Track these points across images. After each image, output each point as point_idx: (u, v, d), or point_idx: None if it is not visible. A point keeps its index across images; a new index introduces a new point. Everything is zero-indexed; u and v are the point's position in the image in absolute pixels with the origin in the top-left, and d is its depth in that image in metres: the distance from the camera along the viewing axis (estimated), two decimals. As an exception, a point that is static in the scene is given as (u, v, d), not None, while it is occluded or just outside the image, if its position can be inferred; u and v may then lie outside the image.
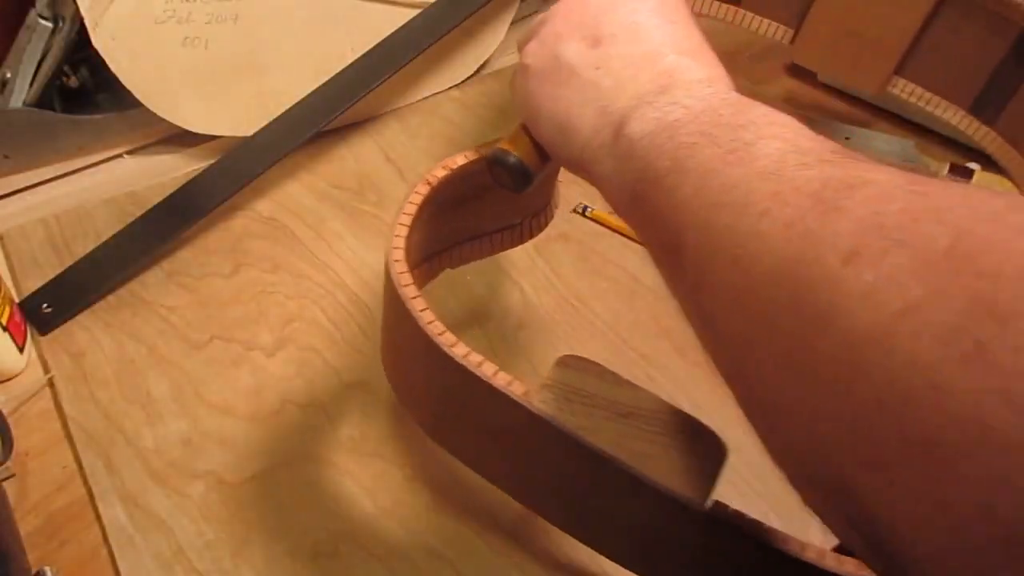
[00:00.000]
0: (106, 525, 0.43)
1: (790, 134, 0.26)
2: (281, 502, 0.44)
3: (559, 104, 0.34)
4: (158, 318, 0.53)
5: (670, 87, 0.31)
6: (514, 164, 0.36)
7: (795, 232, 0.22)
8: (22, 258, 0.58)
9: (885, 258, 0.20)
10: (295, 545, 0.42)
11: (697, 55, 0.33)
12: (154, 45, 0.61)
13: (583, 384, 0.32)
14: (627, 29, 0.33)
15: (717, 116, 0.28)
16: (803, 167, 0.24)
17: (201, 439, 0.47)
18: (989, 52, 0.58)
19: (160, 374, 0.50)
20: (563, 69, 0.34)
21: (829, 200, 0.22)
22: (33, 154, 0.62)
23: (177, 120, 0.63)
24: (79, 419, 0.47)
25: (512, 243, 0.48)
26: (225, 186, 0.59)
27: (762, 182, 0.24)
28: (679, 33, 0.33)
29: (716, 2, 0.67)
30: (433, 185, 0.39)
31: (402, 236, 0.37)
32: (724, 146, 0.26)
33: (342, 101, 0.62)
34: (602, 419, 0.31)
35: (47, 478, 0.45)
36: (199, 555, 0.41)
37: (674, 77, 0.31)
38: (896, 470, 0.19)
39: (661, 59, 0.32)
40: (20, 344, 0.50)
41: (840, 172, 0.23)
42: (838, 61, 0.64)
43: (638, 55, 0.33)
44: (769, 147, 0.26)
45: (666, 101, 0.30)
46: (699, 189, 0.26)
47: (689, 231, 0.26)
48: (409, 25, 0.66)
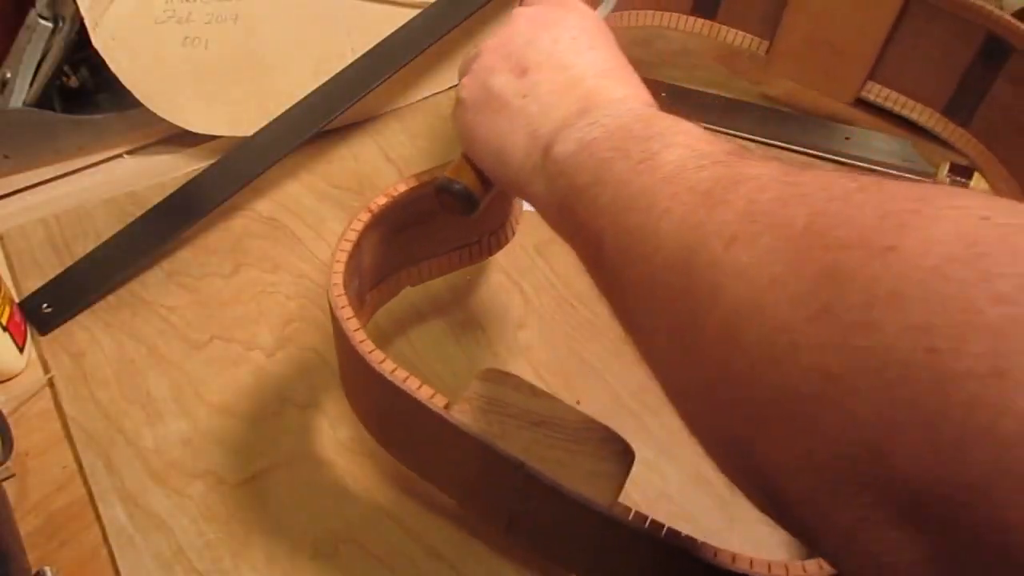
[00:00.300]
0: (106, 525, 0.43)
1: (691, 140, 0.29)
2: (281, 502, 0.44)
3: (493, 132, 0.37)
4: (158, 318, 0.53)
5: (590, 109, 0.34)
6: (459, 191, 0.38)
7: (687, 225, 0.25)
8: (22, 258, 0.58)
9: (757, 240, 0.23)
10: (295, 545, 0.42)
11: (615, 76, 0.36)
12: (154, 45, 0.61)
13: (500, 396, 0.34)
14: (550, 58, 0.36)
15: (629, 131, 0.31)
16: (699, 169, 0.27)
17: (201, 439, 0.47)
18: (957, 55, 0.61)
19: (160, 374, 0.50)
20: (494, 99, 0.37)
21: (717, 195, 0.25)
22: (33, 154, 0.62)
23: (177, 120, 0.63)
24: (79, 419, 0.47)
25: (472, 260, 0.51)
26: (225, 186, 0.59)
27: (665, 185, 0.27)
28: (599, 57, 0.36)
29: (691, 17, 0.69)
30: (375, 212, 0.41)
31: (342, 262, 0.39)
32: (635, 157, 0.29)
33: (342, 101, 0.62)
34: (515, 428, 0.33)
35: (47, 478, 0.45)
36: (199, 555, 0.41)
37: (593, 99, 0.34)
38: (771, 423, 0.21)
39: (582, 83, 0.35)
40: (20, 344, 0.50)
41: (728, 171, 0.26)
42: (811, 70, 0.67)
43: (561, 81, 0.35)
44: (672, 154, 0.28)
45: (586, 122, 0.33)
46: (614, 197, 0.29)
47: (607, 235, 0.29)
48: (409, 25, 0.66)
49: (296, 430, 0.47)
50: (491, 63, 0.38)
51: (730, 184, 0.25)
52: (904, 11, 0.60)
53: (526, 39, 0.37)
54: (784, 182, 0.24)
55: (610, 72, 0.36)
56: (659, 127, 0.31)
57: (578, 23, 0.38)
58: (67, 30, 0.60)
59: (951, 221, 0.19)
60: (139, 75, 0.61)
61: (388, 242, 0.45)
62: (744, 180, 0.25)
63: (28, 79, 0.61)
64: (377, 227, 0.43)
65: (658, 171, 0.28)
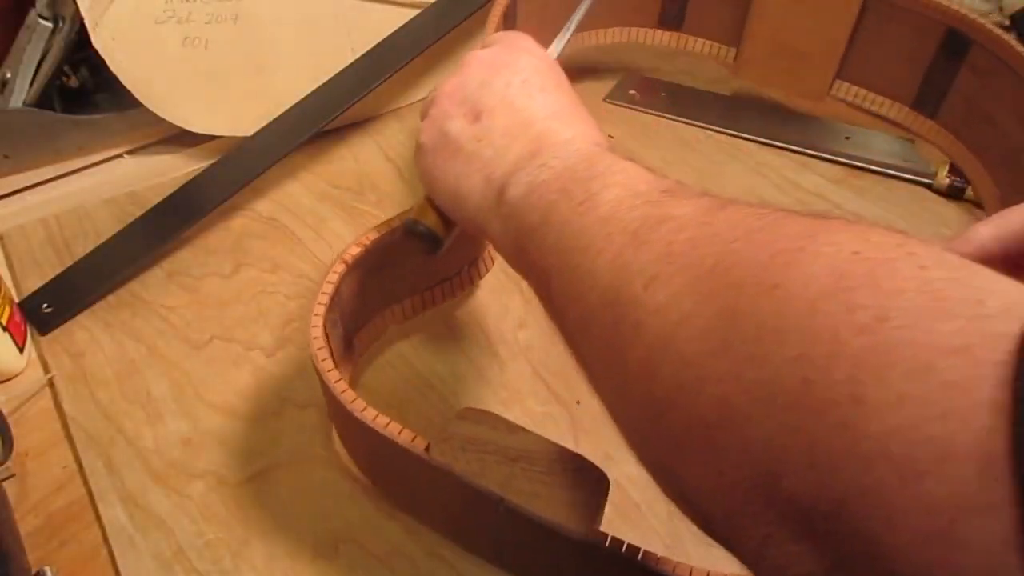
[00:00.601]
0: (106, 525, 0.43)
1: (629, 179, 0.31)
2: (281, 502, 0.44)
3: (450, 176, 0.38)
4: (158, 318, 0.53)
5: (539, 151, 0.35)
6: (423, 232, 0.41)
7: (616, 265, 0.27)
8: (22, 258, 0.58)
9: (672, 280, 0.24)
10: (295, 545, 0.42)
11: (564, 117, 0.37)
12: (154, 45, 0.61)
13: (477, 434, 0.36)
14: (502, 102, 0.37)
15: (574, 173, 0.32)
16: (632, 209, 0.29)
17: (201, 439, 0.47)
18: (920, 51, 0.62)
19: (160, 374, 0.50)
20: (450, 144, 0.38)
21: (642, 236, 0.27)
22: (33, 154, 0.62)
23: (177, 120, 0.63)
24: (79, 419, 0.47)
25: (455, 293, 0.53)
26: (225, 186, 0.59)
27: (601, 226, 0.29)
28: (549, 99, 0.38)
29: (658, 30, 0.70)
30: (349, 263, 0.43)
31: (320, 315, 0.41)
32: (577, 199, 0.31)
33: (342, 101, 0.62)
34: (494, 464, 0.35)
35: (47, 478, 0.45)
36: (199, 555, 0.41)
37: (542, 141, 0.35)
38: (687, 450, 0.23)
39: (532, 126, 0.36)
40: (20, 344, 0.50)
41: (656, 211, 0.28)
42: (779, 75, 0.69)
43: (513, 125, 0.37)
44: (610, 194, 0.30)
45: (536, 164, 0.34)
46: (559, 238, 0.31)
47: (553, 274, 0.31)
48: (409, 25, 0.66)
49: (296, 430, 0.47)
50: (446, 108, 0.39)
51: (655, 224, 0.27)
52: (863, 12, 0.62)
53: (479, 83, 0.38)
54: (700, 223, 0.26)
55: (559, 113, 0.37)
56: (600, 168, 0.32)
57: (529, 65, 0.39)
58: (67, 30, 0.60)
59: (827, 257, 0.21)
60: (139, 75, 0.61)
61: (367, 285, 0.46)
62: (667, 220, 0.27)
63: (28, 79, 0.61)
64: (354, 273, 0.44)
65: (596, 211, 0.29)
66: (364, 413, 0.37)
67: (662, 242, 0.26)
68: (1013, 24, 0.74)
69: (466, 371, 0.50)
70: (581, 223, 0.30)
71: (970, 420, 0.16)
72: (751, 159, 0.67)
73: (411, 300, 0.51)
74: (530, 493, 0.34)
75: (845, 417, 0.18)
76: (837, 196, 0.63)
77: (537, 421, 0.47)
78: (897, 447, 0.17)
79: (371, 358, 0.51)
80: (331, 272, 0.43)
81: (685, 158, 0.66)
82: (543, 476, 0.35)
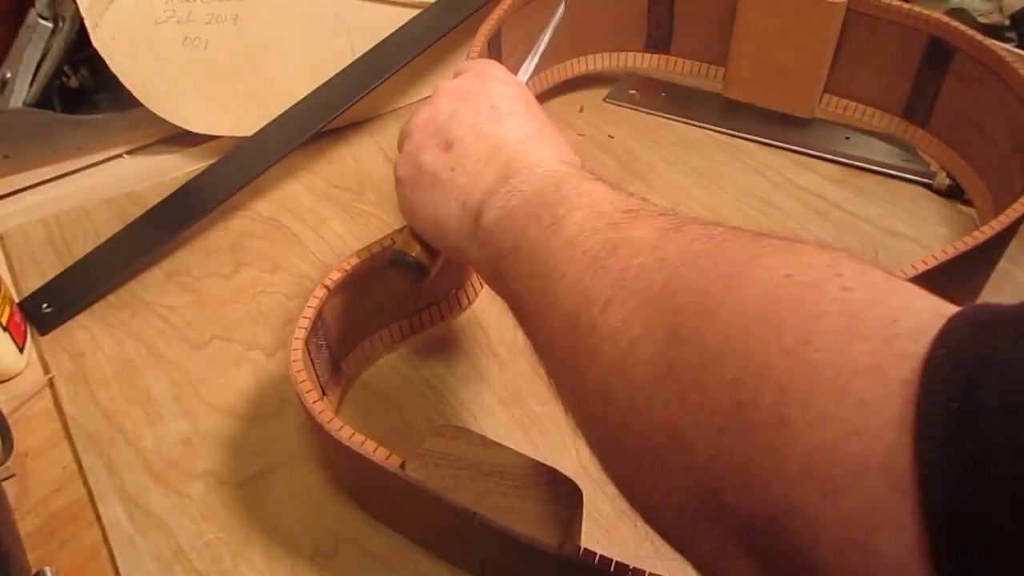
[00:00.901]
0: (106, 525, 0.43)
1: (593, 201, 0.31)
2: (281, 502, 0.44)
3: (428, 207, 0.39)
4: (158, 318, 0.53)
5: (510, 176, 0.35)
6: (410, 263, 0.41)
7: (576, 290, 0.28)
8: (22, 258, 0.58)
9: (625, 305, 0.25)
10: (295, 545, 0.42)
11: (533, 140, 0.37)
12: (154, 45, 0.61)
13: (452, 450, 0.36)
14: (472, 130, 0.38)
15: (542, 197, 0.33)
16: (594, 232, 0.29)
17: (201, 439, 0.47)
18: (906, 61, 0.63)
19: (160, 374, 0.50)
20: (425, 175, 0.39)
21: (601, 260, 0.28)
22: (33, 154, 0.62)
23: (177, 120, 0.63)
24: (79, 419, 0.47)
25: (443, 317, 0.53)
26: (225, 186, 0.59)
27: (565, 249, 0.30)
28: (517, 123, 0.38)
29: (646, 54, 0.71)
30: (331, 288, 0.43)
31: (301, 339, 0.41)
32: (544, 223, 0.31)
33: (342, 101, 0.62)
34: (468, 479, 0.35)
35: (47, 478, 0.45)
36: (199, 555, 0.41)
37: (513, 166, 0.36)
38: (640, 470, 0.24)
39: (503, 151, 0.37)
40: (20, 344, 0.50)
41: (615, 234, 0.28)
42: (768, 92, 0.69)
43: (484, 151, 0.37)
44: (575, 217, 0.31)
45: (507, 190, 0.35)
46: (529, 263, 0.32)
47: (524, 297, 0.32)
48: (409, 25, 0.66)
49: (296, 430, 0.47)
50: (419, 140, 0.40)
51: (612, 249, 0.28)
52: (846, 26, 0.62)
53: (449, 113, 0.39)
54: (652, 246, 0.27)
55: (529, 136, 0.38)
56: (566, 190, 0.33)
57: (498, 92, 0.39)
58: (67, 30, 0.60)
59: (761, 281, 0.22)
60: (139, 75, 0.61)
61: (352, 309, 0.46)
62: (624, 244, 0.28)
63: (28, 79, 0.61)
64: (338, 297, 0.45)
65: (561, 235, 0.30)
66: (341, 432, 0.38)
67: (618, 267, 0.27)
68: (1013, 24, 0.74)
69: (466, 371, 0.50)
70: (548, 247, 0.30)
71: (881, 437, 0.17)
72: (751, 159, 0.67)
73: (399, 324, 0.51)
74: (504, 507, 0.34)
75: (773, 438, 0.19)
76: (837, 196, 0.63)
77: (537, 421, 0.47)
78: (819, 465, 0.18)
79: (372, 359, 0.51)
80: (312, 297, 0.43)
81: (685, 158, 0.66)
82: (517, 490, 0.35)
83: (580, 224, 0.30)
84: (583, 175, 0.34)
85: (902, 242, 0.59)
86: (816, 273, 0.22)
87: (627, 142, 0.68)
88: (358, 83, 0.63)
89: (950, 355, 0.17)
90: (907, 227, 0.60)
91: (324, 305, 0.44)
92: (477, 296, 0.54)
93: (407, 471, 0.36)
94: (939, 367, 0.17)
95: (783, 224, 0.60)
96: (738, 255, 0.24)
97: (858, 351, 0.19)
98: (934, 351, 0.18)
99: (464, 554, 0.39)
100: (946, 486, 0.16)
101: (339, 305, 0.46)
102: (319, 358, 0.44)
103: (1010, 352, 0.17)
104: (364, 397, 0.49)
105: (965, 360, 0.17)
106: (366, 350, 0.50)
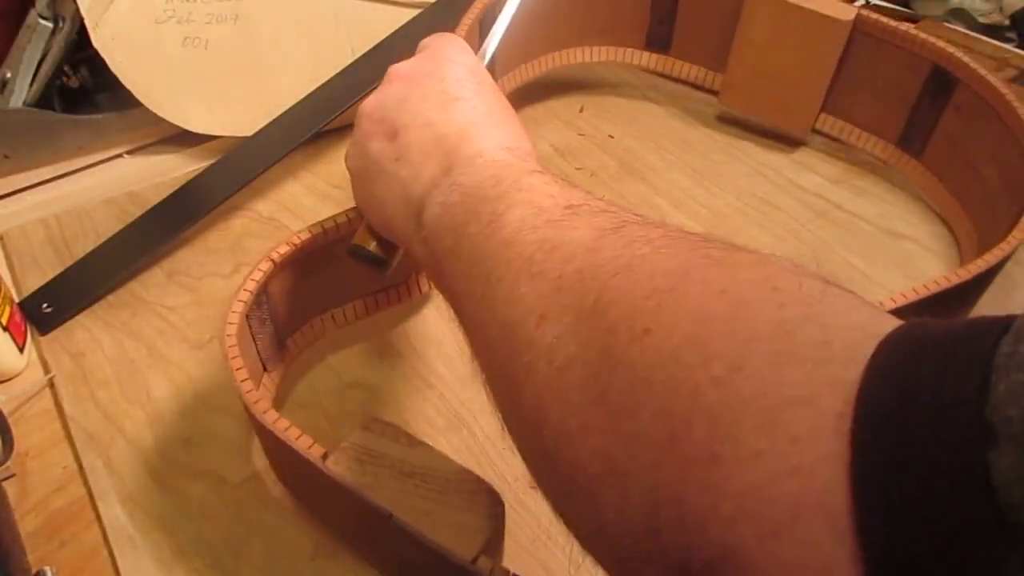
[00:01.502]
0: (106, 525, 0.43)
1: (533, 196, 0.29)
2: (281, 502, 0.44)
3: (375, 200, 0.37)
4: (158, 318, 0.53)
5: (451, 168, 0.33)
6: (368, 256, 0.40)
7: (513, 298, 0.25)
8: (22, 258, 0.58)
9: (560, 319, 0.23)
10: (295, 545, 0.42)
11: (479, 126, 0.34)
12: (154, 45, 0.61)
13: (377, 446, 0.35)
14: (417, 117, 0.35)
15: (481, 192, 0.31)
16: (533, 230, 0.27)
17: (201, 439, 0.47)
18: (907, 87, 0.61)
19: (160, 374, 0.50)
20: (372, 166, 0.36)
21: (537, 263, 0.25)
22: (33, 154, 0.62)
23: (177, 120, 0.63)
24: (79, 419, 0.47)
25: (400, 299, 0.51)
26: (225, 186, 0.59)
27: (503, 250, 0.27)
28: (464, 108, 0.35)
29: (645, 52, 0.70)
30: (277, 261, 0.42)
31: (238, 312, 0.39)
32: (483, 220, 0.29)
33: (342, 101, 0.62)
34: (388, 478, 0.34)
35: (47, 478, 0.45)
36: (199, 555, 0.41)
37: (454, 156, 0.33)
38: (572, 499, 0.22)
39: (445, 140, 0.34)
40: (20, 344, 0.50)
41: (553, 232, 0.26)
42: (764, 104, 0.68)
43: (428, 140, 0.34)
44: (514, 214, 0.28)
45: (448, 183, 0.32)
46: (468, 263, 0.29)
47: (464, 300, 0.30)
48: (409, 25, 0.66)
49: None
50: (367, 128, 0.37)
51: (549, 251, 0.26)
52: (850, 44, 0.60)
53: (397, 99, 0.36)
54: (589, 249, 0.24)
55: (475, 122, 0.35)
56: (506, 184, 0.30)
57: (451, 73, 0.36)
58: (67, 30, 0.60)
59: (694, 299, 0.20)
60: (139, 75, 0.61)
61: (300, 287, 0.45)
62: (561, 245, 0.25)
63: (28, 79, 0.61)
64: (286, 273, 0.43)
65: (500, 234, 0.28)
66: (266, 415, 0.36)
67: (553, 273, 0.25)
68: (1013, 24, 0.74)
69: (464, 370, 0.50)
70: (486, 247, 0.28)
71: (816, 475, 0.16)
72: (751, 159, 0.67)
73: (353, 306, 0.50)
74: (421, 511, 0.33)
75: (706, 476, 0.18)
76: (837, 196, 0.63)
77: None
78: (753, 506, 0.17)
79: (369, 358, 0.51)
80: (255, 269, 0.41)
81: (685, 158, 0.66)
82: (436, 495, 0.33)
83: (519, 221, 0.28)
84: (524, 166, 0.31)
85: (902, 242, 0.59)
86: (751, 290, 0.20)
87: (627, 142, 0.68)
88: (358, 83, 0.63)
89: (883, 385, 0.17)
90: (907, 227, 0.60)
91: (270, 280, 0.42)
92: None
93: (327, 464, 0.34)
94: (872, 398, 0.16)
95: (783, 224, 0.60)
96: (674, 266, 0.22)
97: (790, 379, 0.18)
98: (867, 380, 0.17)
99: (383, 555, 0.38)
100: (886, 530, 0.15)
101: (288, 280, 0.44)
102: (262, 332, 0.43)
103: (938, 382, 0.16)
104: (362, 397, 0.49)
105: (896, 390, 0.16)
106: (315, 328, 0.49)
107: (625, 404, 0.20)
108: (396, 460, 0.34)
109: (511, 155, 0.33)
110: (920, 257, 0.58)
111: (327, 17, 0.65)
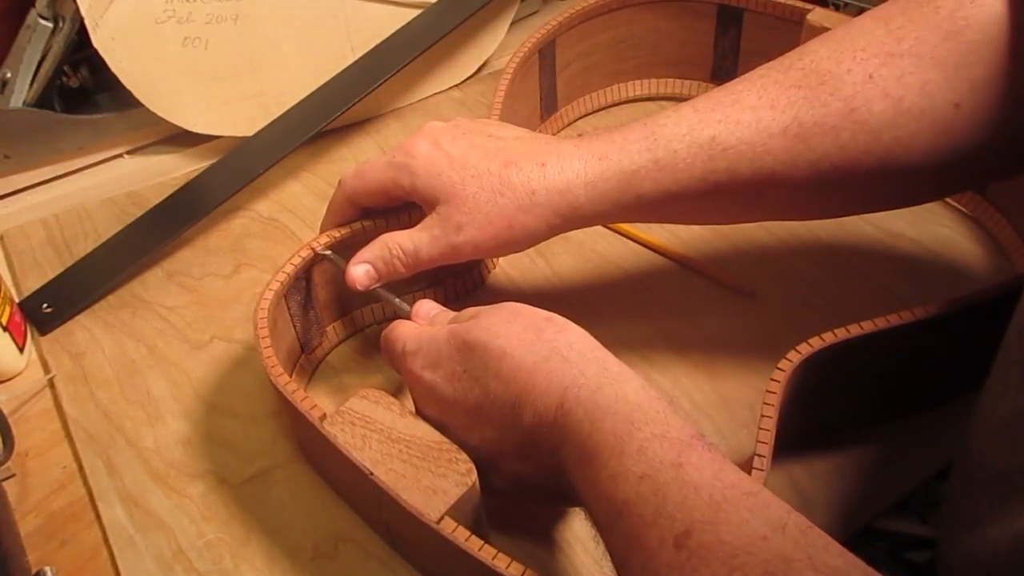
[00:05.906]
0: (106, 525, 0.43)
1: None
2: (281, 502, 0.44)
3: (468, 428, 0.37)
4: (158, 318, 0.53)
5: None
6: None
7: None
8: (22, 258, 0.58)
9: None
10: (295, 545, 0.42)
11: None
12: (154, 45, 0.61)
13: (369, 412, 0.38)
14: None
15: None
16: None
17: (201, 439, 0.47)
18: None
19: (160, 374, 0.50)
20: (471, 409, 0.36)
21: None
22: (33, 154, 0.62)
23: (177, 120, 0.63)
24: (79, 419, 0.47)
25: (447, 300, 0.53)
26: (225, 186, 0.59)
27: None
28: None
29: (711, 84, 0.71)
30: (317, 250, 0.45)
31: (273, 290, 0.43)
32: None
33: (342, 101, 0.62)
34: (376, 441, 0.37)
35: (47, 478, 0.45)
36: (199, 555, 0.41)
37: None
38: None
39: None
40: (20, 344, 0.50)
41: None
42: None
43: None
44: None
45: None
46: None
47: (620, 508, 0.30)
48: (409, 25, 0.66)
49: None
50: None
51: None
52: None
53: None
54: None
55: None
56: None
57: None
58: (67, 30, 0.60)
59: None
60: (139, 75, 0.61)
61: (340, 278, 0.46)
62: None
63: (28, 79, 0.61)
64: (326, 264, 0.47)
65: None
66: (279, 379, 0.40)
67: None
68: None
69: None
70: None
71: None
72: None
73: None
74: (399, 473, 0.35)
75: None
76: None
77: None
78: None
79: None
80: (296, 256, 0.45)
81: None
82: (416, 460, 0.36)
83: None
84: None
85: (902, 242, 0.59)
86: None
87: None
88: (358, 83, 0.63)
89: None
90: (907, 227, 0.60)
91: (313, 267, 0.46)
92: (480, 284, 0.54)
93: (324, 424, 0.38)
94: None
95: (783, 224, 0.60)
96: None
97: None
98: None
99: (373, 516, 0.41)
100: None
101: (329, 270, 0.47)
102: (302, 316, 0.46)
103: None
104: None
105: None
106: (356, 320, 0.51)
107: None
108: (385, 426, 0.37)
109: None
110: (922, 258, 0.58)
111: (327, 17, 0.65)
